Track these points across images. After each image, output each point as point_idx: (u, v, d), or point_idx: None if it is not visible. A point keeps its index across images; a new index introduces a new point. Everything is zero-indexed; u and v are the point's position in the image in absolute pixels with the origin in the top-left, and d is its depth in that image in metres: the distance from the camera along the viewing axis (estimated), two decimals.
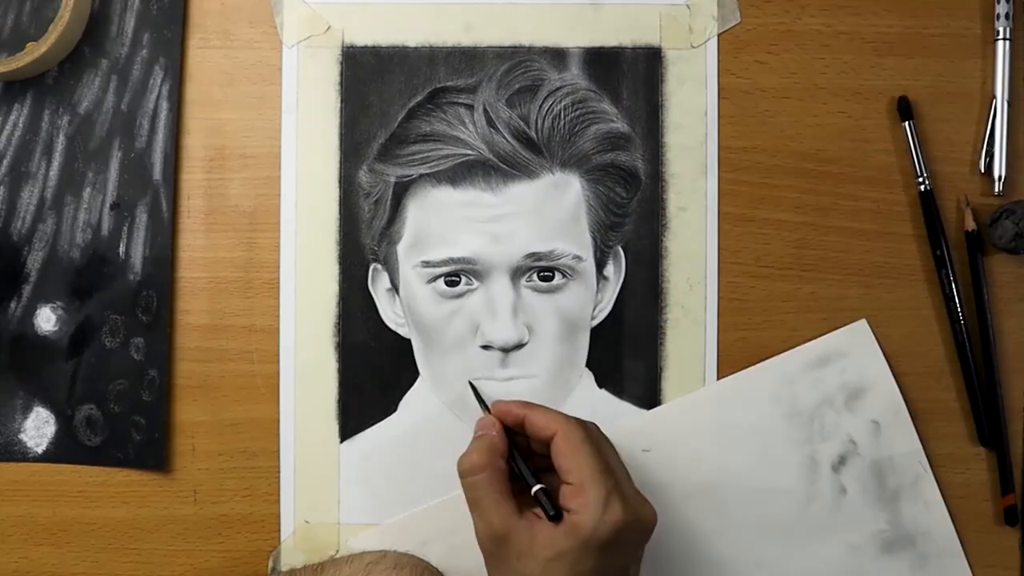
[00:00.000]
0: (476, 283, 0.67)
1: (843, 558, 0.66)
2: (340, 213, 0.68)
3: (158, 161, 0.68)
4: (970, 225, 0.67)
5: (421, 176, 0.67)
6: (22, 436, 0.68)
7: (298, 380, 0.68)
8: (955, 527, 0.67)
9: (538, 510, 0.57)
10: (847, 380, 0.67)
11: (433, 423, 0.67)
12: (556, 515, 0.57)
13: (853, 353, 0.67)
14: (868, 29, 0.68)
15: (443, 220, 0.67)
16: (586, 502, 0.56)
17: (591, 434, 0.59)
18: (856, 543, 0.66)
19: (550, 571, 0.55)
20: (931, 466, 0.67)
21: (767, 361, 0.67)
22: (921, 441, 0.67)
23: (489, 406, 0.64)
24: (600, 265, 0.68)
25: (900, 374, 0.67)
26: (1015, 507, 0.67)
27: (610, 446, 0.61)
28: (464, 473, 0.59)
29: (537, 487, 0.58)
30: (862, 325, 0.67)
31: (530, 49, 0.68)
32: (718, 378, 0.67)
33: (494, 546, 0.57)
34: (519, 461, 0.60)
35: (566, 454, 0.58)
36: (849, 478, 0.66)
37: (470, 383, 0.67)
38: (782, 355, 0.67)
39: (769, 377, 0.67)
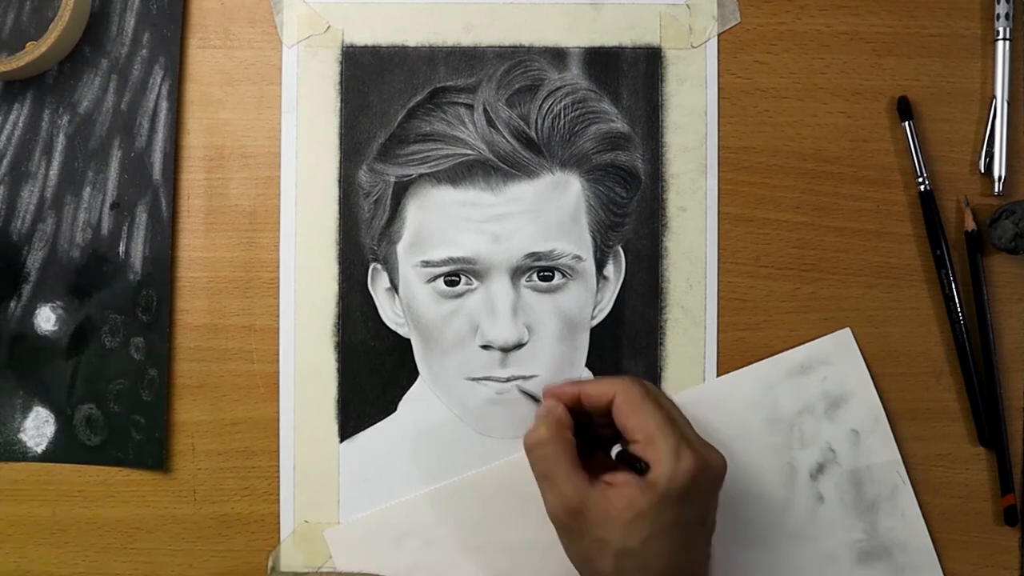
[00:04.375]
0: (476, 283, 0.67)
1: (819, 566, 0.66)
2: (340, 213, 0.68)
3: (158, 161, 0.68)
4: (970, 225, 0.67)
5: (421, 176, 0.67)
6: (22, 436, 0.68)
7: (298, 380, 0.68)
8: (954, 527, 0.67)
9: (607, 476, 0.56)
10: (828, 388, 0.67)
11: (433, 423, 0.67)
12: (644, 467, 0.56)
13: (835, 361, 0.67)
14: (868, 29, 0.68)
15: (443, 220, 0.67)
16: (657, 456, 0.55)
17: (650, 390, 0.59)
18: (832, 552, 0.66)
19: (632, 532, 0.54)
20: (930, 466, 0.67)
21: (749, 367, 0.67)
22: (920, 441, 0.67)
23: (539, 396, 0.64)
24: (600, 265, 0.68)
25: (899, 374, 0.67)
26: (1015, 507, 0.67)
27: (668, 400, 0.60)
28: (532, 447, 0.58)
29: (617, 447, 0.57)
30: (845, 334, 0.67)
31: (530, 49, 0.68)
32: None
33: (570, 518, 0.56)
34: (589, 429, 0.59)
35: (629, 413, 0.57)
36: (827, 486, 0.66)
37: (518, 387, 0.66)
38: (764, 361, 0.67)
39: (750, 382, 0.67)
